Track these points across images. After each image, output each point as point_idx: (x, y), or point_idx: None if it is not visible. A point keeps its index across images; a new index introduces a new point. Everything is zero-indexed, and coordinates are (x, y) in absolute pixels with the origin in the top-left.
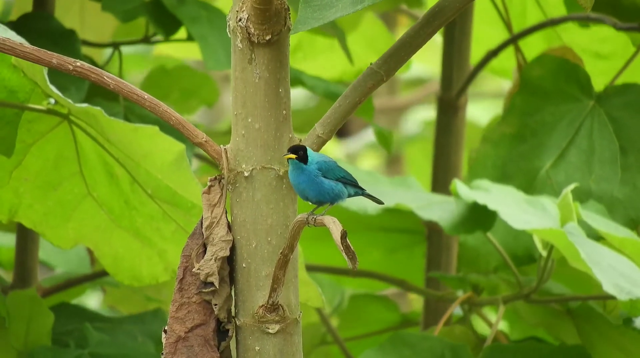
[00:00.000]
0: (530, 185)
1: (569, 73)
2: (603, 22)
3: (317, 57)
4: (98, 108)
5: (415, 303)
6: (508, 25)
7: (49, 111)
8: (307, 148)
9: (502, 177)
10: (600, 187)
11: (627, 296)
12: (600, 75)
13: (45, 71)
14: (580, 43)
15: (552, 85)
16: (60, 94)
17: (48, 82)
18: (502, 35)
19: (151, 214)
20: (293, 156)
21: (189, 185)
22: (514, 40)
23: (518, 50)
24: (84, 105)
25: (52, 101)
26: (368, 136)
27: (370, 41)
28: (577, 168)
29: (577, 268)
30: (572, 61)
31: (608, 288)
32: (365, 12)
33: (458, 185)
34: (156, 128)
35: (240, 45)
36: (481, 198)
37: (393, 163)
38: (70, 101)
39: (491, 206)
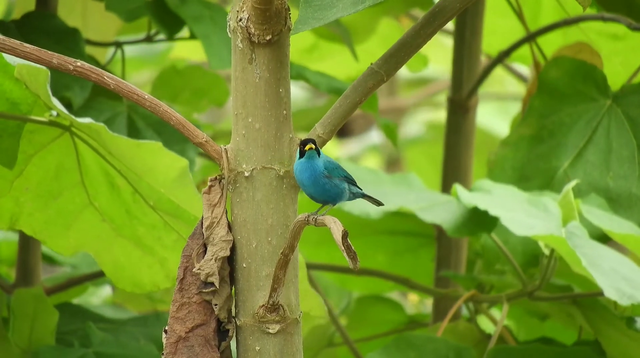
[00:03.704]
0: (548, 185)
1: (586, 74)
2: (618, 22)
3: (333, 57)
4: (101, 124)
5: (420, 305)
6: (521, 18)
7: (51, 123)
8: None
9: (520, 178)
10: (618, 184)
11: (628, 301)
12: (617, 55)
13: (48, 84)
14: (596, 27)
15: (569, 86)
16: (62, 108)
17: (51, 96)
18: (515, 25)
19: (153, 224)
20: (312, 146)
21: (192, 200)
22: (529, 39)
23: (534, 47)
24: (87, 120)
25: (54, 112)
26: (369, 138)
27: (387, 42)
28: (595, 167)
29: (579, 273)
30: (590, 58)
31: (610, 293)
32: (382, 16)
33: (459, 190)
34: (159, 144)
35: (240, 45)
36: (482, 203)
37: (393, 165)
38: (72, 116)
39: (492, 211)
